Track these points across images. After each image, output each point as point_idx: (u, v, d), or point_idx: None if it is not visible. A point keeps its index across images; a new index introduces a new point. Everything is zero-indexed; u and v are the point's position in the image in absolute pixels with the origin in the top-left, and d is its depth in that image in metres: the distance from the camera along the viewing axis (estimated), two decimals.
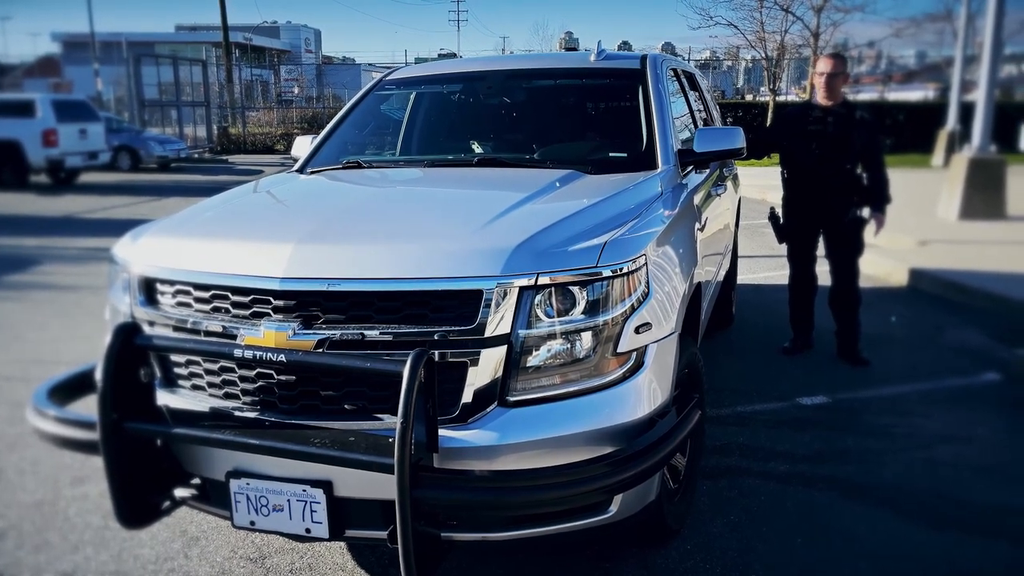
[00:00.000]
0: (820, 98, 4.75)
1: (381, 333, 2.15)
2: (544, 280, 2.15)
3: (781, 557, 2.82)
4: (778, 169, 5.00)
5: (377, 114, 4.09)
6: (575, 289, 2.20)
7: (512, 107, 3.92)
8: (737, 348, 5.25)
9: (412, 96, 4.28)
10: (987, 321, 5.84)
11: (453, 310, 2.15)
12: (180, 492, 2.40)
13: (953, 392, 4.45)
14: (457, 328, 2.13)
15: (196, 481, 2.38)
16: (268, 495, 2.20)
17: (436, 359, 2.08)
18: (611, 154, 3.47)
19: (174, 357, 2.42)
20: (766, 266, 7.80)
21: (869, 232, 4.84)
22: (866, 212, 4.76)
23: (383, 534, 2.12)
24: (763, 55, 23.03)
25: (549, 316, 2.18)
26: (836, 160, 4.66)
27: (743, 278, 6.79)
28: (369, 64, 57.53)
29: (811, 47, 20.83)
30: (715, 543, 2.90)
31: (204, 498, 2.37)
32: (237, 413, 2.28)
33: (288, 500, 2.19)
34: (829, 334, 5.06)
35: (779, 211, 5.04)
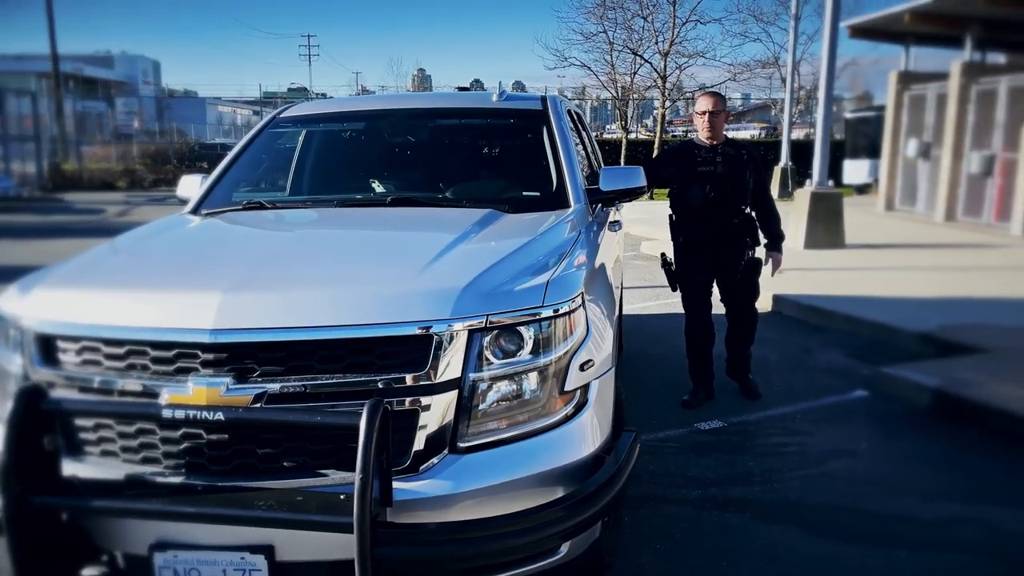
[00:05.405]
0: (703, 137, 4.60)
1: (325, 383, 2.05)
2: (494, 321, 2.13)
3: None
4: (644, 204, 4.98)
5: (272, 152, 3.93)
6: (522, 329, 2.19)
7: (416, 146, 3.88)
8: (631, 378, 5.38)
9: (304, 134, 4.15)
10: (845, 341, 6.34)
11: (401, 356, 2.08)
12: (88, 572, 2.16)
13: (831, 409, 4.78)
14: (406, 374, 2.07)
15: (104, 558, 2.15)
16: (200, 567, 2.03)
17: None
18: (524, 193, 3.50)
19: (79, 421, 2.18)
20: (641, 296, 8.11)
21: (765, 272, 4.76)
22: (760, 254, 4.70)
23: None
24: (614, 95, 24.22)
25: (499, 357, 2.16)
26: (730, 201, 4.55)
27: (624, 309, 7.01)
28: (215, 98, 55.45)
29: (659, 88, 22.16)
30: (646, 573, 2.94)
31: None
32: (159, 479, 2.09)
33: (224, 570, 2.03)
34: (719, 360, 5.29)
35: (670, 256, 4.81)
